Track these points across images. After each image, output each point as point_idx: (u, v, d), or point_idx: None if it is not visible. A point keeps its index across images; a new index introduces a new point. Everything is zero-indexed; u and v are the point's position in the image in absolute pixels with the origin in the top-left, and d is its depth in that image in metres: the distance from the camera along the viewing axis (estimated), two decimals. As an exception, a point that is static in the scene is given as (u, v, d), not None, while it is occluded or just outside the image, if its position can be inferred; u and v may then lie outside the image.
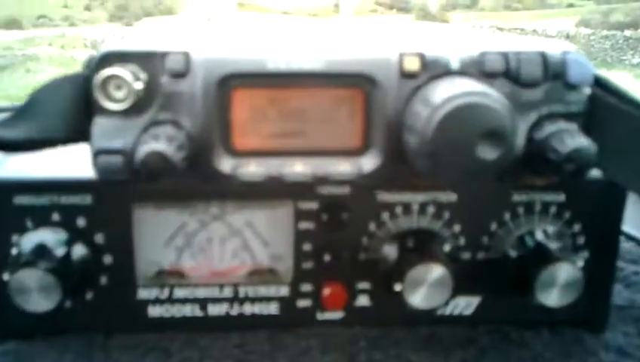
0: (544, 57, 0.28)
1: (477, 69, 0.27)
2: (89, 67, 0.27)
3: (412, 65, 0.27)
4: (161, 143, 0.25)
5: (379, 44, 0.28)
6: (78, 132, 0.28)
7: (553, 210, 0.34)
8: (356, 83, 0.27)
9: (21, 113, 0.28)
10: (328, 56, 0.27)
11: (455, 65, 0.27)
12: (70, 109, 0.28)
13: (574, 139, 0.26)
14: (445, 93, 0.25)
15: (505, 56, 0.28)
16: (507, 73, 0.28)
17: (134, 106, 0.27)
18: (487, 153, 0.25)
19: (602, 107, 0.28)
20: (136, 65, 0.27)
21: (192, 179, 0.28)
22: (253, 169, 0.28)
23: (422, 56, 0.27)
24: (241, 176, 0.28)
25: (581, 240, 0.35)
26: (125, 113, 0.27)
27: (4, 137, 0.28)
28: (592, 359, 0.34)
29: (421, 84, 0.27)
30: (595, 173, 0.30)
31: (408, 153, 0.27)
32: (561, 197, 0.34)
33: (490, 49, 0.28)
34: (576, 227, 0.35)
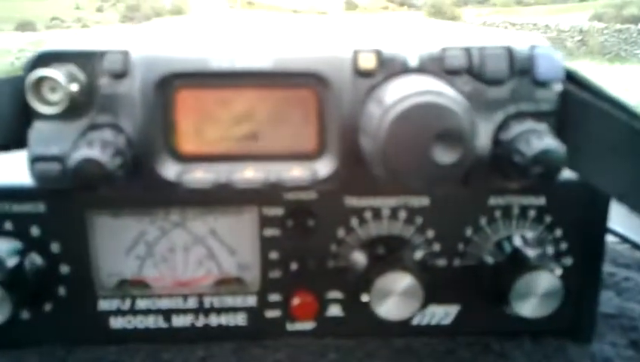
0: (510, 52, 0.26)
1: (437, 66, 0.26)
2: (25, 68, 0.26)
3: (367, 63, 0.25)
4: (95, 150, 0.24)
5: (333, 40, 0.27)
6: (16, 138, 0.26)
7: (533, 214, 0.32)
8: (308, 82, 0.26)
9: None
10: (277, 54, 0.25)
11: (414, 62, 0.26)
12: (8, 113, 0.26)
13: (542, 141, 0.24)
14: (398, 92, 0.23)
15: (468, 51, 0.26)
16: (470, 70, 0.26)
17: (71, 109, 0.25)
18: (444, 156, 0.23)
19: (575, 104, 0.26)
20: (74, 65, 0.25)
21: (134, 188, 0.26)
22: (200, 175, 0.26)
23: (378, 54, 0.26)
24: (187, 183, 0.26)
25: (564, 246, 0.33)
26: (62, 116, 0.25)
27: None
28: (576, 370, 0.32)
29: (377, 84, 0.25)
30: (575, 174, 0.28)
31: (364, 155, 0.25)
32: (542, 201, 0.32)
33: (452, 45, 0.26)
34: (558, 232, 0.33)
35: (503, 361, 0.33)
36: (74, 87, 0.25)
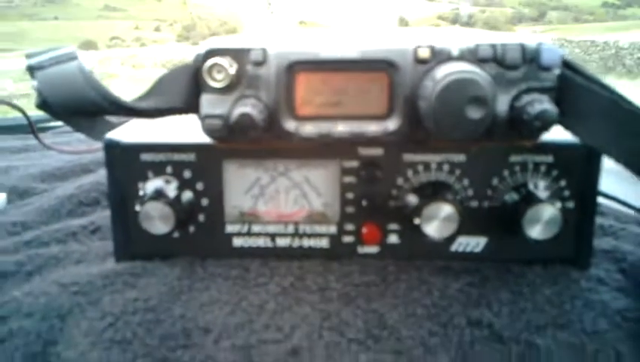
0: (523, 47, 0.38)
1: (472, 56, 0.38)
2: (197, 59, 0.40)
3: (424, 53, 0.38)
4: (247, 108, 0.37)
5: (402, 39, 0.40)
6: (190, 104, 0.40)
7: (543, 168, 0.44)
8: (382, 67, 0.39)
9: (151, 91, 0.41)
10: (362, 47, 0.39)
11: (455, 53, 0.38)
12: (185, 88, 0.40)
13: (542, 105, 0.36)
14: (445, 71, 0.36)
15: (494, 46, 0.38)
16: (495, 59, 0.38)
17: (229, 85, 0.39)
18: (474, 113, 0.35)
19: (568, 83, 0.38)
20: (229, 57, 0.39)
21: (268, 136, 0.39)
22: (309, 129, 0.40)
23: (431, 48, 0.38)
24: (300, 133, 0.40)
25: (566, 193, 0.44)
26: (223, 90, 0.39)
27: (140, 107, 0.41)
28: (574, 285, 0.43)
29: (430, 68, 0.38)
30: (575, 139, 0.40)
31: (420, 116, 0.38)
32: (550, 159, 0.43)
33: (483, 42, 0.38)
34: (562, 182, 0.44)
35: (520, 279, 0.44)
36: (232, 70, 0.38)
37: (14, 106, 0.64)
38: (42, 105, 0.42)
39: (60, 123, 0.95)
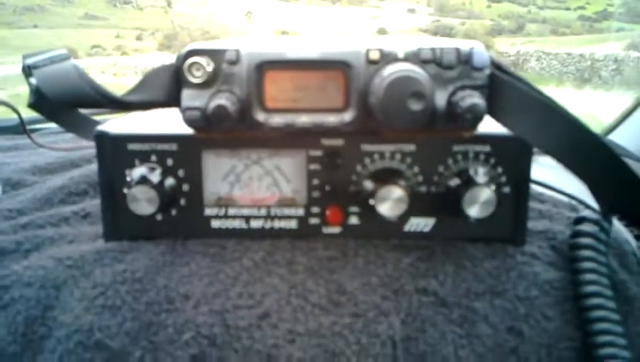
0: (458, 50, 0.45)
1: (415, 57, 0.44)
2: (178, 58, 0.45)
3: (374, 55, 0.44)
4: (223, 100, 0.43)
5: (356, 43, 0.46)
6: (171, 98, 0.46)
7: (482, 157, 0.50)
8: (339, 66, 0.45)
9: (137, 86, 0.47)
10: (322, 49, 0.45)
11: (401, 55, 0.44)
12: (167, 84, 0.46)
13: (472, 100, 0.43)
14: (390, 70, 0.42)
15: (433, 50, 0.45)
16: (434, 60, 0.44)
17: (206, 81, 0.45)
18: (414, 105, 0.42)
19: (497, 81, 0.45)
20: (207, 56, 0.45)
21: (241, 126, 0.45)
22: (277, 119, 0.46)
23: (381, 50, 0.45)
24: (269, 124, 0.46)
25: (503, 179, 0.50)
26: (201, 86, 0.45)
27: (128, 100, 0.46)
28: (510, 259, 0.50)
29: (379, 67, 0.44)
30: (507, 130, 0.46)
31: (371, 109, 0.44)
32: (487, 148, 0.49)
33: (424, 46, 0.45)
34: (499, 169, 0.50)
35: (463, 254, 0.50)
36: (209, 68, 0.44)
37: (9, 106, 0.69)
38: (34, 104, 0.47)
39: (46, 125, 1.00)
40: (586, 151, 0.43)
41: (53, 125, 0.90)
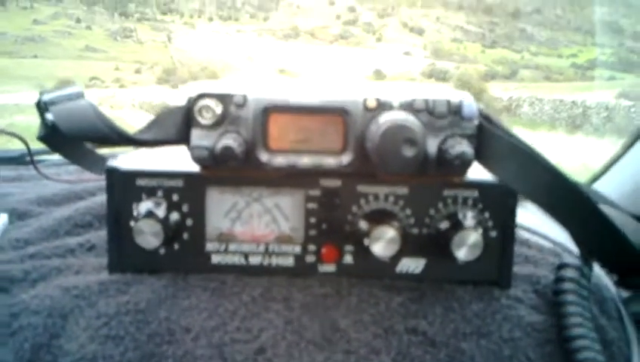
0: (449, 101, 0.48)
1: (409, 107, 0.48)
2: (189, 101, 0.49)
3: (371, 104, 0.48)
4: (230, 141, 0.46)
5: (355, 92, 0.49)
6: (181, 137, 0.49)
7: (470, 202, 0.52)
8: (339, 113, 0.48)
9: (149, 125, 0.50)
10: (323, 97, 0.48)
11: (396, 104, 0.48)
12: (178, 123, 0.49)
13: (461, 147, 0.46)
14: (386, 118, 0.46)
15: (426, 100, 0.48)
16: (427, 110, 0.48)
17: (215, 123, 0.48)
18: (408, 151, 0.45)
19: (485, 131, 0.48)
20: (216, 100, 0.48)
21: (245, 165, 0.48)
22: (279, 160, 0.49)
23: (377, 99, 0.48)
24: (272, 163, 0.48)
25: (490, 223, 0.53)
26: (210, 126, 0.48)
27: (141, 138, 0.49)
28: (496, 302, 0.52)
29: (376, 114, 0.48)
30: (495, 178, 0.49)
31: (368, 153, 0.47)
32: (476, 194, 0.52)
33: (418, 97, 0.48)
34: (486, 214, 0.53)
35: (451, 296, 0.53)
36: (218, 111, 0.48)
37: (19, 138, 0.71)
38: (45, 138, 0.50)
39: (49, 156, 1.02)
40: (566, 199, 0.46)
41: (56, 156, 0.93)
